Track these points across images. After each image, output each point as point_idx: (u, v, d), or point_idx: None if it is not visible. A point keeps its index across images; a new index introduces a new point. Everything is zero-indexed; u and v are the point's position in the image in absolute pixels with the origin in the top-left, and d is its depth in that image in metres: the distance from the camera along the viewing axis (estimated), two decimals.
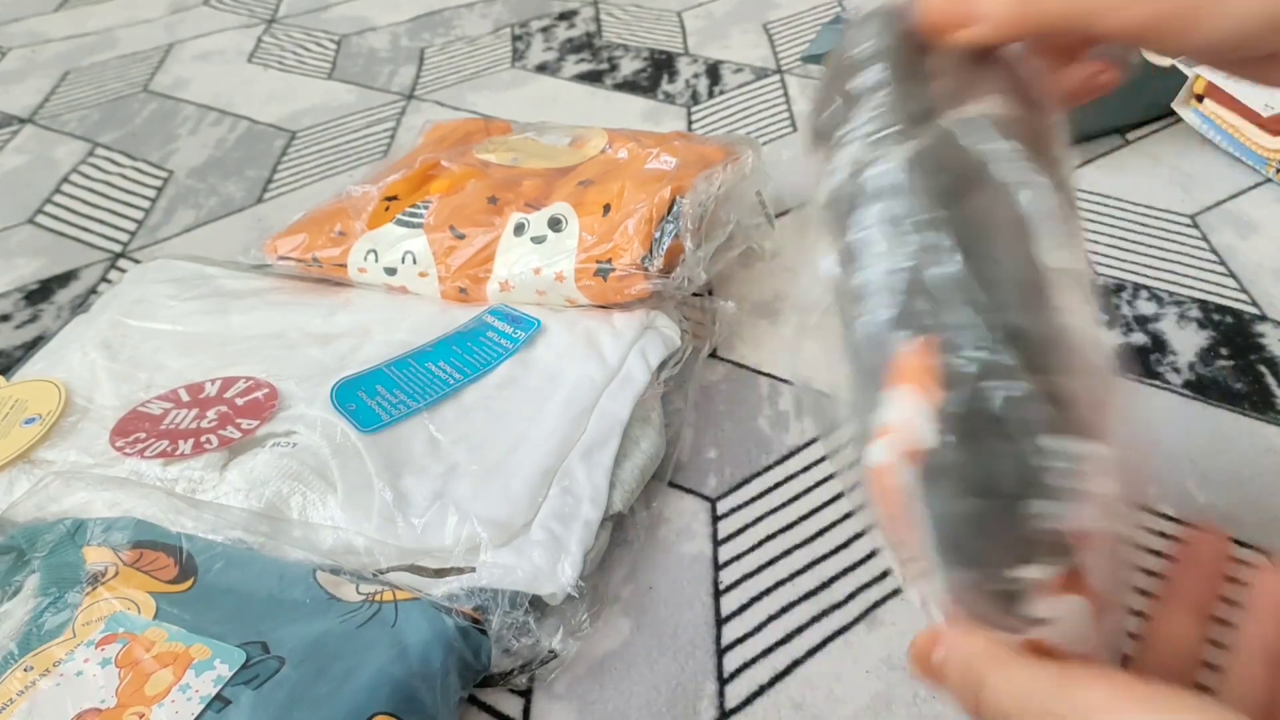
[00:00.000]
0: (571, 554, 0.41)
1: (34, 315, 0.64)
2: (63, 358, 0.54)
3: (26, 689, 0.35)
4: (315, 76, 0.92)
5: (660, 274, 0.52)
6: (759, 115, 0.79)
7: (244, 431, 0.46)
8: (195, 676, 0.35)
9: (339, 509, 0.43)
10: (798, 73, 0.85)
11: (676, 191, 0.54)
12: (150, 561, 0.40)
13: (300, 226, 0.60)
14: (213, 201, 0.74)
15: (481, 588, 0.40)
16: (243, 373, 0.51)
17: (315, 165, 0.78)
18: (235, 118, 0.85)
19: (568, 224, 0.54)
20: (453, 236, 0.56)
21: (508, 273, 0.54)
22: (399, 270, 0.56)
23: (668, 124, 0.80)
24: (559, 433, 0.46)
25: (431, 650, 0.37)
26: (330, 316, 0.56)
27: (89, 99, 0.90)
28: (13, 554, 0.41)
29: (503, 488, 0.44)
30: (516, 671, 0.40)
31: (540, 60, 0.92)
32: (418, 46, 0.96)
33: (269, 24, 1.03)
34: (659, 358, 0.51)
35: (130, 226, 0.72)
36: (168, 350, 0.54)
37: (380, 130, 0.82)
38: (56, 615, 0.38)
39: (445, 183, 0.59)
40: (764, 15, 0.96)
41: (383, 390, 0.49)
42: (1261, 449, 0.48)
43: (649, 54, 0.91)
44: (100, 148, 0.82)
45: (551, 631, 0.40)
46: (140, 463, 0.46)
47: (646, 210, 0.53)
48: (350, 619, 0.38)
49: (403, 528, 0.42)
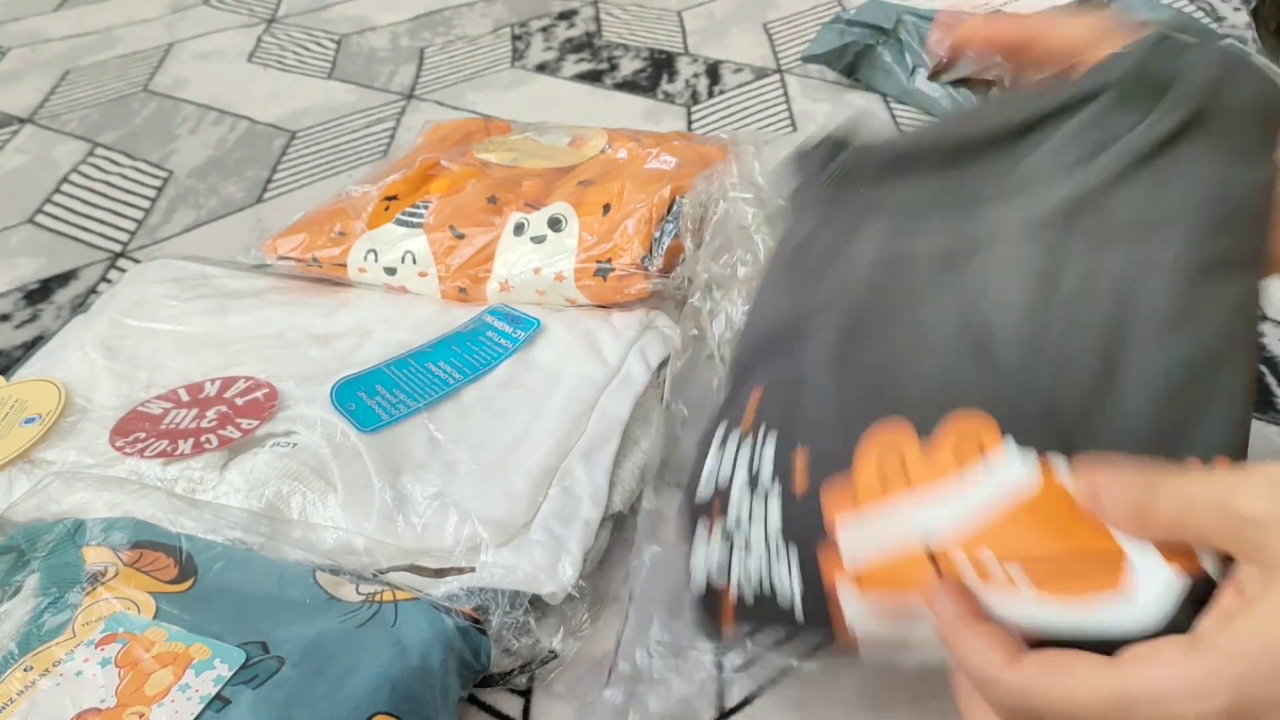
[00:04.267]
0: (571, 554, 0.41)
1: (34, 315, 0.64)
2: (62, 358, 0.54)
3: (26, 689, 0.35)
4: (315, 76, 0.92)
5: (660, 274, 0.52)
6: (759, 115, 0.79)
7: (244, 431, 0.46)
8: (195, 676, 0.35)
9: (339, 509, 0.43)
10: (798, 73, 0.85)
11: (676, 191, 0.54)
12: (150, 561, 0.40)
13: (300, 226, 0.60)
14: (213, 201, 0.74)
15: (481, 588, 0.40)
16: (243, 373, 0.51)
17: (315, 165, 0.78)
18: (235, 117, 0.85)
19: (568, 224, 0.54)
20: (452, 236, 0.56)
21: (507, 272, 0.54)
22: (399, 270, 0.56)
23: (668, 124, 0.80)
24: (559, 432, 0.46)
25: (431, 650, 0.37)
26: (330, 316, 0.56)
27: (89, 99, 0.90)
28: (13, 554, 0.41)
29: (503, 487, 0.44)
30: (516, 671, 0.40)
31: (540, 60, 0.92)
32: (418, 46, 0.96)
33: (269, 24, 1.03)
34: (659, 358, 0.51)
35: (130, 226, 0.72)
36: (167, 350, 0.54)
37: (380, 130, 0.82)
38: (56, 615, 0.38)
39: (445, 183, 0.59)
40: (764, 15, 0.96)
41: (382, 390, 0.49)
42: (1261, 449, 0.47)
43: (649, 54, 0.91)
44: (100, 147, 0.82)
45: (551, 631, 0.40)
46: (140, 463, 0.46)
47: (646, 210, 0.53)
48: (350, 619, 0.38)
49: (403, 527, 0.42)
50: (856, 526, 0.29)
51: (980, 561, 0.26)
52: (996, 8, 0.74)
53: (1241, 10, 0.87)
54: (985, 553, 0.26)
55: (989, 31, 0.37)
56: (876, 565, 0.28)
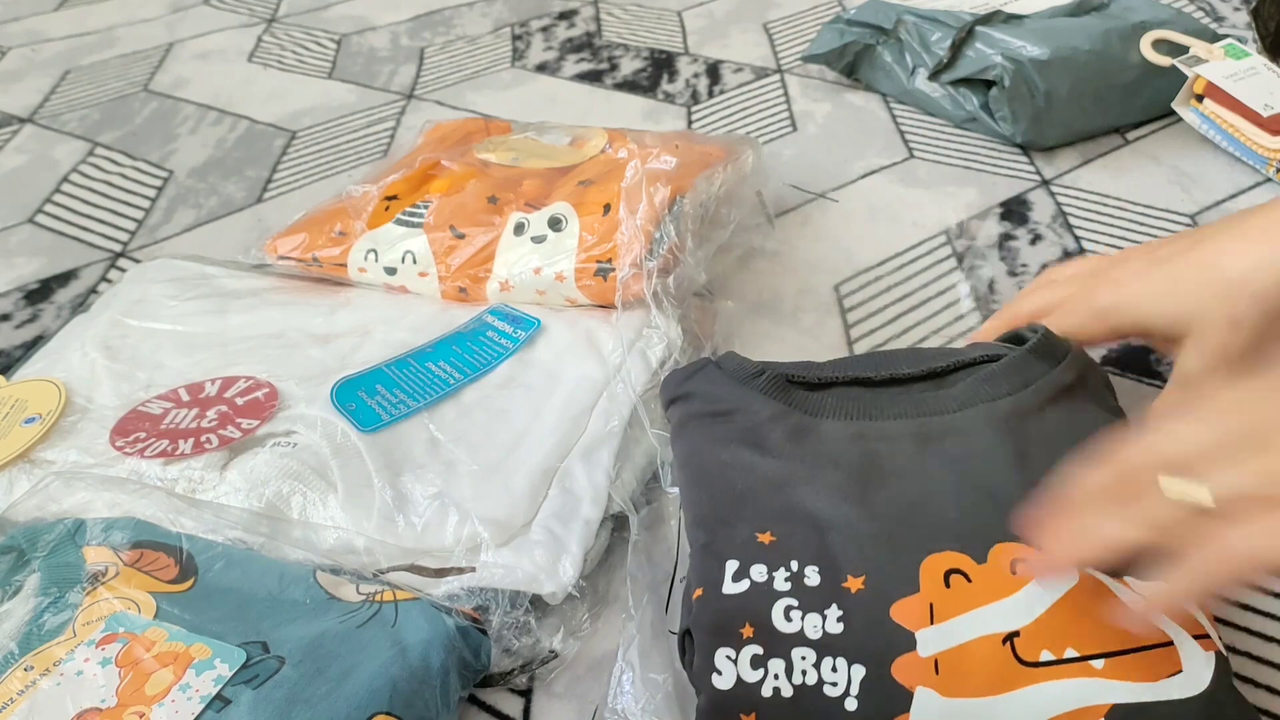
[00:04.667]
0: (572, 553, 0.41)
1: (34, 315, 0.64)
2: (62, 357, 0.54)
3: (27, 688, 0.35)
4: (315, 76, 0.92)
5: (660, 274, 0.52)
6: (759, 115, 0.79)
7: (244, 431, 0.47)
8: (195, 676, 0.35)
9: (339, 509, 0.43)
10: (798, 72, 0.85)
11: (676, 191, 0.54)
12: (150, 561, 0.40)
13: (300, 226, 0.60)
14: (213, 201, 0.74)
15: (481, 587, 0.40)
16: (243, 372, 0.51)
17: (315, 165, 0.78)
18: (235, 117, 0.85)
19: (568, 224, 0.54)
20: (453, 236, 0.56)
21: (508, 272, 0.54)
22: (399, 270, 0.56)
23: (668, 124, 0.80)
24: (559, 432, 0.46)
25: (431, 650, 0.37)
26: (330, 316, 0.56)
27: (89, 98, 0.90)
28: (13, 554, 0.41)
29: (503, 487, 0.44)
30: (517, 671, 0.40)
31: (540, 60, 0.92)
32: (418, 46, 0.96)
33: (269, 23, 1.03)
34: (659, 358, 0.51)
35: (130, 226, 0.72)
36: (168, 350, 0.54)
37: (380, 130, 0.82)
38: (57, 615, 0.38)
39: (445, 182, 0.59)
40: (764, 15, 0.96)
41: (383, 390, 0.49)
42: None
43: (649, 54, 0.91)
44: (100, 147, 0.82)
45: (552, 631, 0.40)
46: (140, 462, 0.46)
47: (646, 210, 0.53)
48: (350, 619, 0.38)
49: (403, 527, 0.42)
50: (936, 637, 0.34)
51: (1053, 647, 0.33)
52: (996, 8, 0.74)
53: (1241, 10, 0.87)
54: (1051, 645, 0.34)
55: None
56: (955, 653, 0.34)
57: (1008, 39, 0.70)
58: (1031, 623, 0.34)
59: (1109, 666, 0.33)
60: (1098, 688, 0.32)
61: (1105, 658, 0.33)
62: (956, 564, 0.36)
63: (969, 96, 0.72)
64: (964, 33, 0.72)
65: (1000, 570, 0.36)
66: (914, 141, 0.74)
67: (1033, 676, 0.33)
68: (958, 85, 0.73)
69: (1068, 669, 0.33)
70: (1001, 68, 0.68)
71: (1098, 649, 0.33)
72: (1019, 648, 0.33)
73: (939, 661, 0.33)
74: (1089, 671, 0.33)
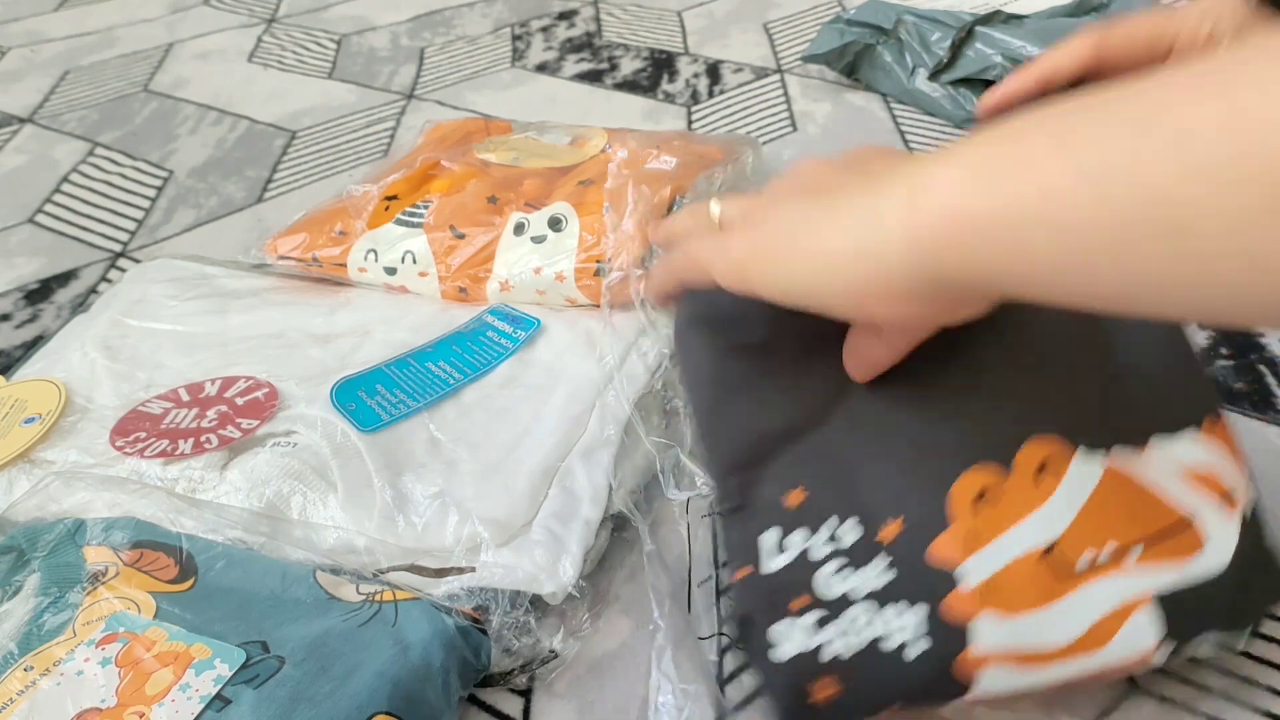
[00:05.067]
0: (572, 553, 0.41)
1: (34, 315, 0.64)
2: (62, 357, 0.54)
3: (27, 688, 0.35)
4: (315, 76, 0.92)
5: None
6: (759, 115, 0.79)
7: (244, 431, 0.46)
8: (195, 676, 0.35)
9: (339, 509, 0.43)
10: (798, 72, 0.85)
11: (676, 191, 0.54)
12: (150, 561, 0.40)
13: (300, 226, 0.60)
14: (213, 201, 0.74)
15: (482, 587, 0.40)
16: (243, 372, 0.51)
17: (315, 165, 0.78)
18: (235, 117, 0.85)
19: (568, 223, 0.54)
20: (453, 236, 0.56)
21: (508, 272, 0.54)
22: (399, 270, 0.56)
23: (668, 124, 0.80)
24: (559, 432, 0.46)
25: (432, 650, 0.37)
26: (330, 316, 0.56)
27: (89, 98, 0.90)
28: (13, 554, 0.41)
29: (503, 487, 0.44)
30: (517, 671, 0.40)
31: (540, 60, 0.92)
32: (418, 46, 0.96)
33: (269, 23, 1.03)
34: (659, 358, 0.51)
35: (130, 226, 0.72)
36: (168, 350, 0.54)
37: (380, 130, 0.82)
38: (57, 615, 0.38)
39: (445, 182, 0.59)
40: (764, 15, 0.96)
41: (383, 390, 0.49)
42: (1261, 449, 0.48)
43: (649, 54, 0.91)
44: (100, 147, 0.82)
45: (552, 631, 0.40)
46: (140, 462, 0.46)
47: (647, 210, 0.53)
48: (351, 618, 0.38)
49: (403, 527, 0.42)
50: (979, 566, 0.34)
51: (1088, 550, 0.34)
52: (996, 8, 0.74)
53: None
54: (1091, 544, 0.34)
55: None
56: (998, 577, 0.34)
57: (1008, 39, 0.70)
58: (1067, 528, 0.34)
59: (1145, 555, 0.34)
60: (1135, 582, 0.33)
61: (1142, 545, 0.34)
62: (985, 482, 0.35)
63: (969, 96, 0.72)
64: (964, 33, 0.72)
65: (1028, 477, 0.35)
66: (914, 141, 0.74)
67: (1076, 581, 0.33)
68: (958, 85, 0.73)
69: (1105, 569, 0.34)
70: (1001, 68, 0.68)
71: (1139, 535, 0.34)
72: (1060, 554, 0.34)
73: (986, 588, 0.34)
74: (1126, 568, 0.34)
